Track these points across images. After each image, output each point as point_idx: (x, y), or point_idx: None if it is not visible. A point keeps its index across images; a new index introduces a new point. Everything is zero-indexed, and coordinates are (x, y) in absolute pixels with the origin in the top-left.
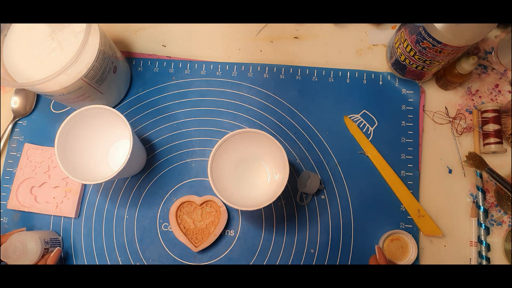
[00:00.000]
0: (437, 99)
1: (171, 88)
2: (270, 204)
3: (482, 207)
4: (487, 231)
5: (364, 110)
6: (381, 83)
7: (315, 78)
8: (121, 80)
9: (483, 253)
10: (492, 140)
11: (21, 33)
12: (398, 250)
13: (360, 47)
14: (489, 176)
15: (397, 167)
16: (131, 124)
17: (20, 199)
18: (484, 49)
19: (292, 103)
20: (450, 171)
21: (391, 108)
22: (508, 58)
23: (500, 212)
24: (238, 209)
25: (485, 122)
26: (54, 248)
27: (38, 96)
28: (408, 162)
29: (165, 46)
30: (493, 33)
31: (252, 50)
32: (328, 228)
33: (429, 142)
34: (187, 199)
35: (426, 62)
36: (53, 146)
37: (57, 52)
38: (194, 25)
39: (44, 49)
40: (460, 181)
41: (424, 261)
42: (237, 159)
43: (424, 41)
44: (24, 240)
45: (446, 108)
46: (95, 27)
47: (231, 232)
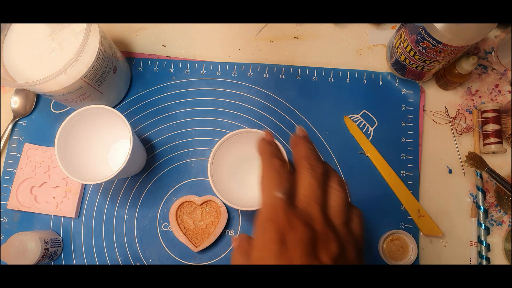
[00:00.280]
0: (437, 99)
1: (171, 88)
2: None
3: (482, 207)
4: (487, 231)
5: (364, 110)
6: (381, 83)
7: (315, 78)
8: (121, 80)
9: (483, 253)
10: (492, 140)
11: (21, 33)
12: (398, 250)
13: (360, 47)
14: (489, 176)
15: (397, 167)
16: (131, 124)
17: (20, 199)
18: (484, 49)
19: (292, 103)
20: (450, 171)
21: (391, 108)
22: (508, 58)
23: (500, 212)
24: (238, 209)
25: (485, 122)
26: (54, 248)
27: (38, 96)
28: (408, 162)
29: (165, 46)
30: (493, 33)
31: (252, 50)
32: None
33: (429, 142)
34: (187, 199)
35: (426, 62)
36: (53, 146)
37: (57, 52)
38: (194, 25)
39: (44, 49)
40: (460, 181)
41: (424, 261)
42: (237, 159)
43: (424, 41)
44: (24, 240)
45: (446, 108)
46: (95, 27)
47: (231, 232)
